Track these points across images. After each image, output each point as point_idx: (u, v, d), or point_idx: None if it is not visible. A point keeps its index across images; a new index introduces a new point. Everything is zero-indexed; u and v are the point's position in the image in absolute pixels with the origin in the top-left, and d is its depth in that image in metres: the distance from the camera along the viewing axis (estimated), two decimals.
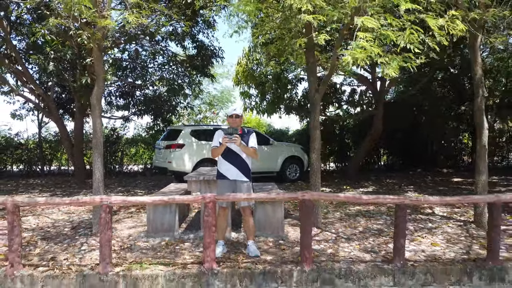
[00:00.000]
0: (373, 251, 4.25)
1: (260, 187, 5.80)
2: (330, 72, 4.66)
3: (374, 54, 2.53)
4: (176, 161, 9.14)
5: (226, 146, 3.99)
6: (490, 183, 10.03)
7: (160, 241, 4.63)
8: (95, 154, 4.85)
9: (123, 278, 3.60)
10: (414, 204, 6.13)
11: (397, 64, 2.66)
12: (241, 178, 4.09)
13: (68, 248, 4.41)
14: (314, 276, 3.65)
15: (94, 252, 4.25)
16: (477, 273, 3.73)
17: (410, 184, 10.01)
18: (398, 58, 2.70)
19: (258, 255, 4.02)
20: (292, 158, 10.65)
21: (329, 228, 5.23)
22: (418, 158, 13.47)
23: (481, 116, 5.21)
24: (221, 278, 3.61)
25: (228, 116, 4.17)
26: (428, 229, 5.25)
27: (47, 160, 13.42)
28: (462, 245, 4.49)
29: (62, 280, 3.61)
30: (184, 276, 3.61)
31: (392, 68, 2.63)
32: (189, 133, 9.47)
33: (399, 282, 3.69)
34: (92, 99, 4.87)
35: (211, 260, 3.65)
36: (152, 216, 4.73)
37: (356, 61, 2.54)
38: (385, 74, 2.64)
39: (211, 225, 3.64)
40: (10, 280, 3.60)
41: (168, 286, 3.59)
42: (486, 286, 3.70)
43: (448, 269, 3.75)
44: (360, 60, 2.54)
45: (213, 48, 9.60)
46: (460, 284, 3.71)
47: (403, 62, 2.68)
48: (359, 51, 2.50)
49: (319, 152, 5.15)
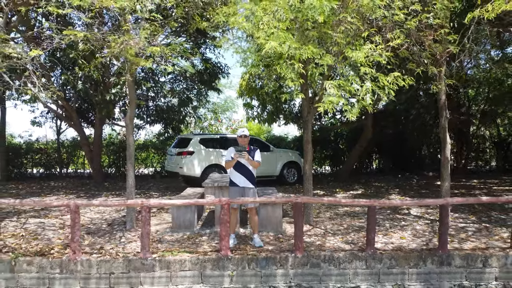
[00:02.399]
0: (352, 243, 5.38)
1: (262, 191, 6.92)
2: (315, 110, 5.73)
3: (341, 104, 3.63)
4: (187, 166, 10.26)
5: (236, 160, 5.12)
6: (468, 186, 11.23)
7: (183, 235, 5.75)
8: (128, 164, 5.97)
9: (159, 262, 4.73)
10: (382, 206, 7.20)
11: (356, 111, 3.75)
12: (248, 185, 5.22)
13: (110, 240, 5.53)
14: (304, 261, 4.78)
15: (132, 243, 5.37)
16: (429, 259, 4.85)
17: (396, 187, 11.13)
18: (358, 105, 3.79)
19: (262, 245, 5.14)
20: (290, 163, 11.77)
21: (319, 225, 6.36)
22: (406, 162, 14.59)
23: (445, 134, 6.32)
24: (233, 262, 4.74)
25: (238, 136, 5.30)
26: (401, 226, 6.37)
27: (64, 164, 14.54)
28: (424, 239, 5.62)
29: (112, 264, 4.73)
30: (205, 260, 4.74)
31: (352, 113, 3.73)
32: (198, 141, 10.59)
33: (370, 265, 4.82)
34: (126, 120, 6.00)
35: (226, 249, 4.78)
36: (176, 215, 5.86)
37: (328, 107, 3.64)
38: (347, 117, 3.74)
39: (226, 221, 4.77)
40: (73, 264, 4.72)
41: (193, 268, 4.72)
42: (436, 268, 4.83)
43: (408, 256, 4.88)
44: (330, 108, 3.64)
45: (220, 65, 10.71)
46: (416, 267, 4.84)
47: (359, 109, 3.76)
48: (328, 103, 3.59)
49: (311, 163, 6.27)
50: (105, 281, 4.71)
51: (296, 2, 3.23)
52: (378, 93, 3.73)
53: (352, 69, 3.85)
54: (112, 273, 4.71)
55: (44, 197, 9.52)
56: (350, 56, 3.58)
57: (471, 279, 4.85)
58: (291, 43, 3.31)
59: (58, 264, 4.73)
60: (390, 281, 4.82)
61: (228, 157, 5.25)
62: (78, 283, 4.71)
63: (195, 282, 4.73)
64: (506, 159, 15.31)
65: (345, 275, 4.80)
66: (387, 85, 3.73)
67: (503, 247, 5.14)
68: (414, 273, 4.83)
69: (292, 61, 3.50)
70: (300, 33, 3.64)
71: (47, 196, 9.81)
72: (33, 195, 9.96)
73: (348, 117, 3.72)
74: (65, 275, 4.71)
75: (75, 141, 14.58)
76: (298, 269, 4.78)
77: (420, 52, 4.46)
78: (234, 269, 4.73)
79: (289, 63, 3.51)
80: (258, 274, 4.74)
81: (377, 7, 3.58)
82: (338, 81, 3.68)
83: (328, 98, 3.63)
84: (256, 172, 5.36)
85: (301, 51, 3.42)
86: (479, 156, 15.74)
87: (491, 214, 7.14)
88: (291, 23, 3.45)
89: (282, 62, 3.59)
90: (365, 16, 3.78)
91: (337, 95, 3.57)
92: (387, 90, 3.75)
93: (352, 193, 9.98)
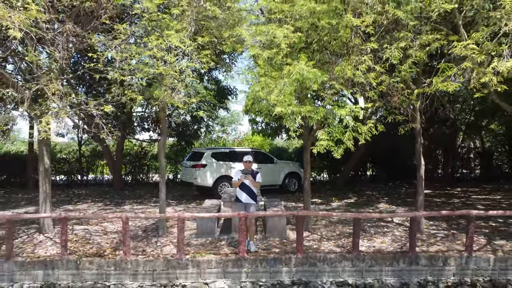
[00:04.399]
0: (342, 247, 6.75)
1: (269, 203, 8.28)
2: (313, 138, 7.05)
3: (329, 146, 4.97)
4: (200, 177, 11.62)
5: (242, 181, 6.48)
6: (450, 195, 12.57)
7: (205, 240, 7.12)
8: (161, 183, 7.33)
9: (191, 262, 6.09)
10: (365, 218, 8.38)
11: (341, 151, 5.08)
12: (250, 202, 6.57)
13: (148, 244, 6.90)
14: (304, 260, 6.14)
15: (166, 246, 6.74)
16: (401, 259, 6.21)
17: (386, 195, 12.49)
18: (343, 146, 5.12)
19: (257, 250, 6.45)
20: (291, 173, 13.14)
21: (316, 231, 7.72)
22: (397, 171, 15.94)
23: (420, 157, 7.65)
24: (249, 262, 6.10)
25: (244, 161, 6.64)
26: (383, 232, 7.73)
27: (84, 172, 15.91)
28: (400, 243, 6.98)
29: (155, 263, 6.09)
30: (228, 260, 6.10)
31: (338, 153, 5.08)
32: (210, 155, 11.95)
33: (355, 264, 6.18)
34: (159, 145, 7.36)
35: (243, 251, 6.14)
36: (200, 223, 7.22)
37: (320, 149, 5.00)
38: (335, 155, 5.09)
39: (243, 230, 6.13)
40: (124, 263, 6.08)
41: (217, 266, 6.08)
42: (407, 267, 6.19)
43: (385, 257, 6.24)
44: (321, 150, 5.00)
45: (229, 87, 12.08)
46: (391, 266, 6.20)
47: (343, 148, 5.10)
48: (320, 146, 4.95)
49: (309, 180, 7.63)
50: (149, 276, 6.07)
51: (298, 76, 4.56)
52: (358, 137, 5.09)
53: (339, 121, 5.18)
54: (154, 270, 6.08)
55: (75, 205, 10.88)
56: (336, 112, 4.92)
57: (434, 275, 6.21)
58: (293, 107, 4.65)
59: (113, 263, 6.09)
60: (371, 276, 6.18)
61: (235, 178, 6.60)
62: (128, 278, 6.07)
63: (218, 277, 6.09)
64: (489, 168, 16.66)
65: (336, 272, 6.16)
66: (364, 132, 5.07)
67: (461, 250, 6.50)
68: (389, 270, 6.19)
69: (294, 116, 4.85)
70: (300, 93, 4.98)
71: (77, 204, 11.17)
72: (64, 202, 11.32)
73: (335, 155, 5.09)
74: (118, 272, 6.08)
75: (95, 151, 15.96)
76: (299, 267, 6.13)
77: (390, 105, 5.84)
78: (249, 267, 6.09)
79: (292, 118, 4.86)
80: (268, 271, 6.10)
81: (358, 75, 4.92)
82: (328, 129, 5.03)
83: (320, 142, 4.99)
84: (261, 182, 6.67)
85: (300, 110, 4.77)
86: (464, 165, 17.10)
87: (460, 222, 8.48)
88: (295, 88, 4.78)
89: (287, 117, 4.94)
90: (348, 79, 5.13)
91: (327, 140, 4.92)
92: (364, 136, 5.09)
93: (346, 202, 11.34)
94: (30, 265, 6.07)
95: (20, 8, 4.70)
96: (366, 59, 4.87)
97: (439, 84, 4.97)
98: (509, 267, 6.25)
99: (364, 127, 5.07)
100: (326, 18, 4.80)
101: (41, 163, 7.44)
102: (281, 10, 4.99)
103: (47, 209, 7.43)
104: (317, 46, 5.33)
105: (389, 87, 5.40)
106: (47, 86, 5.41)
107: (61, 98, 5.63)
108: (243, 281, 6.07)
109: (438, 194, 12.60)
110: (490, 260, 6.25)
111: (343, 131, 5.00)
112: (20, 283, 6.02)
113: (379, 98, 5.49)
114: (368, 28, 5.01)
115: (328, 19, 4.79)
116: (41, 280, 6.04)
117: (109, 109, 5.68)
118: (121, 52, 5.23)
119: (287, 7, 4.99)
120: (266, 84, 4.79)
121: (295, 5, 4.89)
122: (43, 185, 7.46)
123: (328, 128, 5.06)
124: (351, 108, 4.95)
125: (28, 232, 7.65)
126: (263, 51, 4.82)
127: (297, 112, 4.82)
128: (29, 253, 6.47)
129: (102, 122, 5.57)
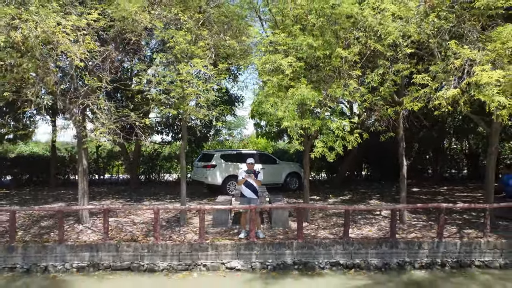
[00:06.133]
0: (336, 234, 8.06)
1: (274, 199, 9.60)
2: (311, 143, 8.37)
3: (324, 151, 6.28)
4: (211, 177, 12.95)
5: (246, 179, 7.79)
6: (435, 192, 13.87)
7: (220, 229, 8.43)
8: (182, 182, 8.63)
9: (211, 245, 7.40)
10: (353, 210, 9.64)
11: (334, 155, 6.39)
12: (253, 197, 7.87)
13: (173, 232, 8.21)
14: (303, 245, 7.45)
15: (188, 234, 8.05)
16: (384, 243, 7.53)
17: (378, 193, 13.80)
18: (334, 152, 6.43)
19: (264, 237, 7.76)
20: (292, 173, 14.44)
21: (314, 223, 9.03)
22: (389, 171, 17.22)
23: (402, 159, 8.95)
24: (258, 245, 7.41)
25: (247, 163, 7.96)
26: (371, 223, 9.04)
27: (101, 172, 17.23)
28: (385, 232, 8.29)
29: (181, 246, 7.41)
30: (240, 244, 7.41)
31: (330, 157, 6.37)
32: (219, 156, 13.27)
33: (345, 248, 7.49)
34: (180, 149, 8.68)
35: (253, 237, 7.46)
36: (216, 215, 8.55)
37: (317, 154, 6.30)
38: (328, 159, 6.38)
39: (253, 220, 7.45)
40: (155, 246, 7.40)
41: (232, 249, 7.39)
42: (388, 250, 7.50)
43: (370, 241, 7.55)
44: (318, 155, 6.31)
45: (237, 95, 13.41)
46: (375, 249, 7.51)
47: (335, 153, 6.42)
48: (317, 152, 6.26)
49: (308, 179, 8.93)
50: (176, 257, 7.38)
51: (300, 97, 5.85)
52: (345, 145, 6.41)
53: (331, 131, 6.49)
54: (180, 252, 7.39)
55: (99, 201, 12.19)
56: (330, 125, 6.22)
57: (410, 257, 7.52)
58: (297, 121, 5.96)
59: (146, 246, 7.41)
60: (359, 258, 7.49)
61: (240, 177, 7.93)
62: (159, 259, 7.39)
63: (233, 258, 7.41)
64: (475, 168, 17.98)
65: (329, 254, 7.47)
66: (351, 140, 6.38)
67: (433, 237, 7.82)
68: (374, 253, 7.50)
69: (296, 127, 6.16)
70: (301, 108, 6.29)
71: (101, 200, 12.48)
72: (89, 199, 12.59)
73: (328, 159, 6.39)
74: (150, 254, 7.39)
75: (111, 152, 17.27)
76: (299, 250, 7.45)
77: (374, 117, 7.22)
78: (258, 250, 7.41)
79: (295, 129, 6.17)
80: (273, 253, 7.42)
81: (346, 95, 6.24)
82: (323, 137, 6.34)
83: (317, 149, 6.32)
84: (264, 180, 7.96)
85: (302, 122, 6.07)
86: (452, 165, 18.44)
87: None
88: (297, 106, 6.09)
89: (291, 129, 6.25)
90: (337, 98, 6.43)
91: (322, 147, 6.24)
92: (352, 143, 6.41)
93: (341, 198, 12.65)
94: (78, 248, 7.39)
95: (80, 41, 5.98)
96: (352, 83, 6.19)
97: (407, 104, 6.29)
98: (473, 250, 7.56)
99: (351, 136, 6.38)
100: (322, 49, 6.12)
101: (80, 164, 8.76)
102: (286, 43, 6.29)
103: (85, 202, 8.73)
104: (314, 71, 6.66)
105: (372, 104, 6.70)
106: (95, 102, 6.73)
107: (104, 111, 6.94)
108: (253, 262, 7.38)
109: (425, 192, 13.92)
110: (457, 244, 7.57)
111: (335, 139, 6.31)
112: (70, 263, 7.34)
113: (364, 111, 6.82)
114: (355, 57, 6.32)
115: (323, 51, 6.11)
116: (87, 260, 7.36)
117: (148, 121, 7.00)
118: (157, 76, 6.53)
119: (290, 40, 6.30)
120: (274, 102, 6.11)
121: (297, 39, 6.20)
122: (81, 182, 8.76)
123: (323, 137, 6.37)
124: (341, 122, 6.27)
125: (68, 223, 8.96)
126: (271, 76, 6.13)
127: (299, 124, 6.14)
128: (75, 239, 7.78)
129: (140, 131, 6.88)
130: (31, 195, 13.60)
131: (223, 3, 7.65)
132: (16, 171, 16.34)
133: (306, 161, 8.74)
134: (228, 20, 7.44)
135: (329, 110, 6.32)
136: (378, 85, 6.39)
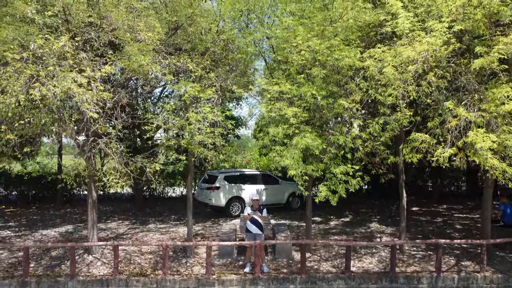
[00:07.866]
0: (337, 267, 8.34)
1: (277, 227, 9.87)
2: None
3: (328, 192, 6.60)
4: (215, 198, 13.23)
5: (251, 216, 8.07)
6: (435, 213, 14.10)
7: (226, 260, 8.71)
8: (188, 214, 8.91)
9: (217, 280, 7.69)
10: (343, 245, 9.90)
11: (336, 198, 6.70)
12: (259, 232, 8.13)
13: (180, 265, 8.48)
14: (307, 279, 7.73)
15: (195, 267, 8.33)
16: (384, 278, 7.81)
17: (378, 214, 14.08)
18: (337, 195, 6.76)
19: (269, 271, 8.02)
20: (295, 193, 14.72)
21: (316, 253, 9.30)
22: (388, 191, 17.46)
23: (402, 189, 9.24)
24: (263, 281, 7.69)
25: (252, 199, 8.25)
26: (372, 253, 9.32)
27: (106, 188, 17.48)
28: (385, 264, 8.56)
29: (188, 281, 7.69)
30: (246, 279, 7.70)
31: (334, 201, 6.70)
32: (223, 178, 13.55)
33: (347, 283, 7.77)
34: (187, 182, 8.96)
35: (258, 272, 7.74)
36: (222, 247, 8.82)
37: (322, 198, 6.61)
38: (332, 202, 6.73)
39: (258, 255, 7.73)
40: (164, 281, 7.68)
41: (238, 284, 7.67)
42: (388, 285, 7.78)
43: (371, 276, 7.83)
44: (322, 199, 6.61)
45: (240, 118, 13.70)
46: (376, 284, 7.79)
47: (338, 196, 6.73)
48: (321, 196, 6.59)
49: (310, 210, 9.21)
50: None
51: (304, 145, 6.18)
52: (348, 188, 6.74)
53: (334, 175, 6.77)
54: (188, 287, 7.67)
55: (106, 223, 12.46)
56: (333, 170, 6.52)
57: None
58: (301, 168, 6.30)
59: (155, 281, 7.69)
60: None
61: (246, 213, 8.20)
62: None
63: None
64: (474, 185, 18.26)
65: None
66: (353, 184, 6.68)
67: (432, 271, 8.09)
68: (374, 287, 7.78)
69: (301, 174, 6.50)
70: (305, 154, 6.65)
71: (107, 222, 12.75)
72: None
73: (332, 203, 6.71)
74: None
75: None
76: (303, 285, 7.73)
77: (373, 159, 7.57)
78: (263, 285, 7.69)
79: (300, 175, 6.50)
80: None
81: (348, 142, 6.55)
82: (327, 182, 6.64)
83: (321, 194, 6.62)
84: (266, 200, 8.24)
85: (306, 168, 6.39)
86: (451, 182, 18.73)
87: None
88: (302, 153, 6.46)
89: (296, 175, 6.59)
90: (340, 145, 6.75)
91: (326, 190, 6.55)
92: (353, 186, 6.71)
93: (342, 220, 12.94)
94: (90, 283, 7.67)
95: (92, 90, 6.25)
96: (353, 131, 6.50)
97: (406, 156, 6.60)
98: (470, 285, 7.84)
99: (354, 180, 6.69)
100: (325, 101, 6.43)
101: (89, 196, 9.05)
102: (290, 91, 6.58)
103: (95, 234, 9.01)
104: (318, 116, 6.97)
105: (373, 149, 7.00)
106: (107, 145, 7.03)
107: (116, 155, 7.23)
108: None
109: (424, 213, 14.20)
110: (455, 280, 7.85)
111: (338, 183, 6.61)
112: None
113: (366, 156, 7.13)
114: (356, 105, 6.63)
115: (326, 101, 6.41)
116: None
117: (158, 167, 7.31)
118: (167, 122, 6.84)
119: (294, 89, 6.59)
120: (281, 150, 6.42)
121: (301, 87, 6.50)
122: (91, 214, 9.04)
123: (326, 182, 6.67)
124: (344, 168, 6.56)
125: (78, 252, 9.23)
126: (278, 127, 6.46)
127: (304, 170, 6.45)
128: (86, 272, 8.06)
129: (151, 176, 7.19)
130: (38, 215, 13.88)
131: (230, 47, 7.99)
132: (23, 188, 16.69)
133: (309, 202, 9.00)
134: (234, 62, 7.75)
135: (332, 154, 6.61)
136: (378, 133, 6.69)
